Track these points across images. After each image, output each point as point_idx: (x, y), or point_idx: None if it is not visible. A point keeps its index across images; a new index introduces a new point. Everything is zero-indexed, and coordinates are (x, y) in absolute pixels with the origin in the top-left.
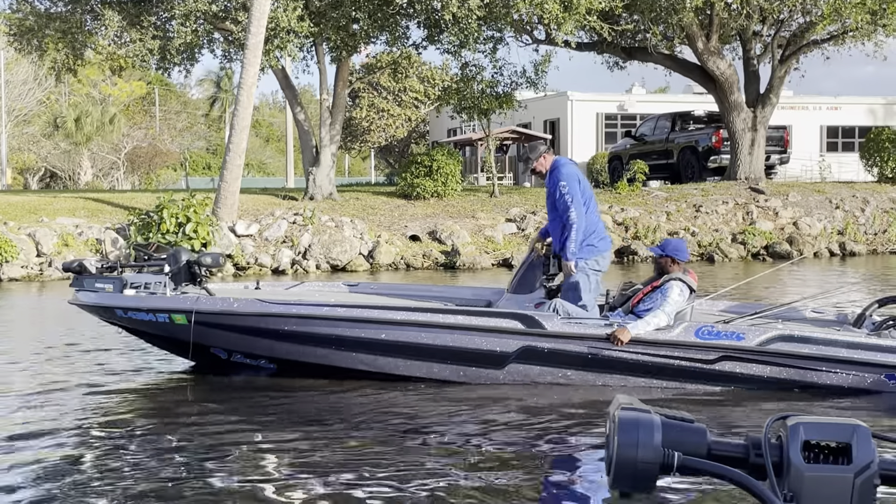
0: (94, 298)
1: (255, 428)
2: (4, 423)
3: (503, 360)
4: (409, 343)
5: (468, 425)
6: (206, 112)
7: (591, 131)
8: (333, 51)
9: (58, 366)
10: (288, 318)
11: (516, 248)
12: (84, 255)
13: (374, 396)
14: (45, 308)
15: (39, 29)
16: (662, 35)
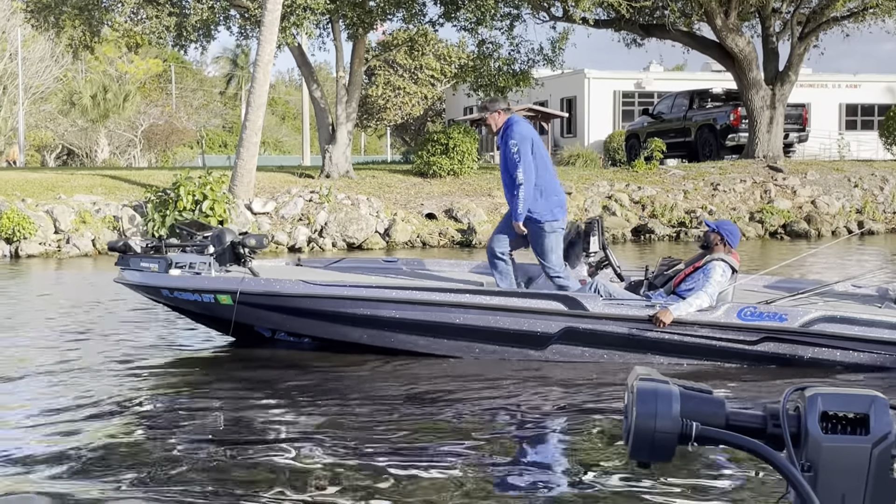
0: (140, 277)
1: (290, 403)
2: (43, 397)
3: (545, 340)
4: (452, 324)
5: (497, 402)
6: (222, 90)
7: (609, 109)
8: (350, 28)
9: (92, 341)
10: (331, 299)
11: None
12: (101, 232)
13: (412, 372)
14: (72, 283)
15: (56, 5)
16: (681, 12)
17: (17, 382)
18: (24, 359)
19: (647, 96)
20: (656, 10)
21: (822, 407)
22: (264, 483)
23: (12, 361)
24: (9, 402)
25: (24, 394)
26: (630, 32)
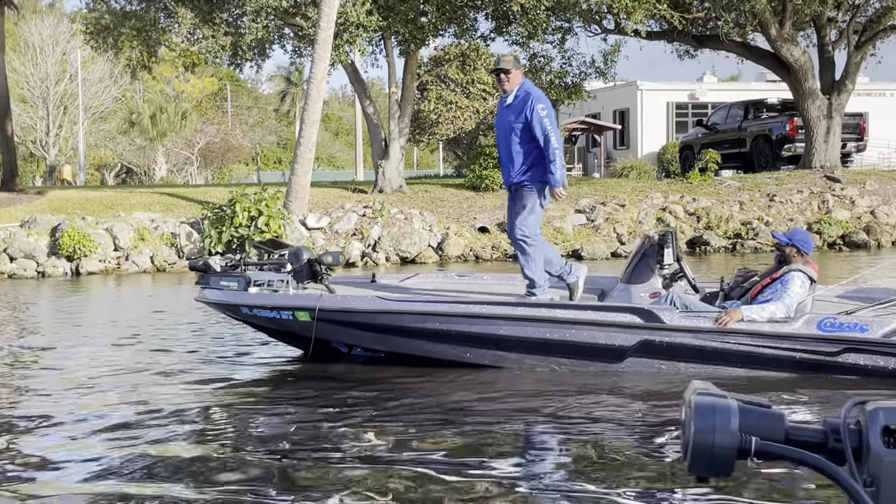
0: (220, 296)
1: (363, 415)
2: (114, 409)
3: (622, 353)
4: (529, 338)
5: (568, 415)
6: (276, 107)
7: (662, 121)
8: (402, 44)
9: (162, 354)
10: (408, 314)
11: (585, 239)
12: (159, 249)
13: (486, 385)
14: (140, 298)
15: (115, 27)
16: (734, 22)
17: (89, 393)
18: (95, 371)
19: (700, 107)
20: (709, 20)
21: (884, 421)
22: (334, 493)
23: (85, 372)
24: (82, 412)
25: (96, 404)
26: (683, 44)
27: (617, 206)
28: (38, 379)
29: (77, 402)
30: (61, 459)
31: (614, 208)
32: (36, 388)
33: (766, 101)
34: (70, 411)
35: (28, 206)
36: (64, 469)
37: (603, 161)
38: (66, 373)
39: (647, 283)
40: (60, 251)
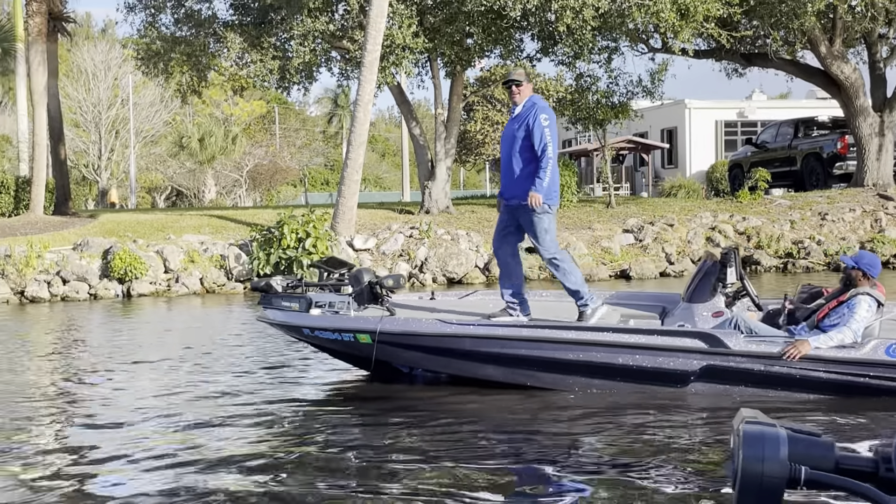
0: (282, 316)
1: (422, 436)
2: (179, 426)
3: (685, 378)
4: (592, 362)
5: (627, 438)
6: (323, 129)
7: (710, 139)
8: (448, 65)
9: (220, 374)
10: (469, 338)
11: (633, 259)
12: (209, 271)
13: (548, 408)
14: (198, 319)
15: (165, 53)
16: (783, 40)
17: (149, 412)
18: (157, 390)
19: (749, 125)
20: (758, 38)
21: None
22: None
23: (147, 391)
24: (141, 432)
25: (155, 423)
26: (731, 62)
27: (665, 225)
28: (100, 399)
29: (137, 421)
30: (119, 480)
31: (663, 228)
32: (98, 409)
33: (817, 118)
34: (129, 431)
35: (80, 230)
36: (122, 489)
37: (651, 180)
38: (128, 392)
39: (710, 302)
40: (112, 274)
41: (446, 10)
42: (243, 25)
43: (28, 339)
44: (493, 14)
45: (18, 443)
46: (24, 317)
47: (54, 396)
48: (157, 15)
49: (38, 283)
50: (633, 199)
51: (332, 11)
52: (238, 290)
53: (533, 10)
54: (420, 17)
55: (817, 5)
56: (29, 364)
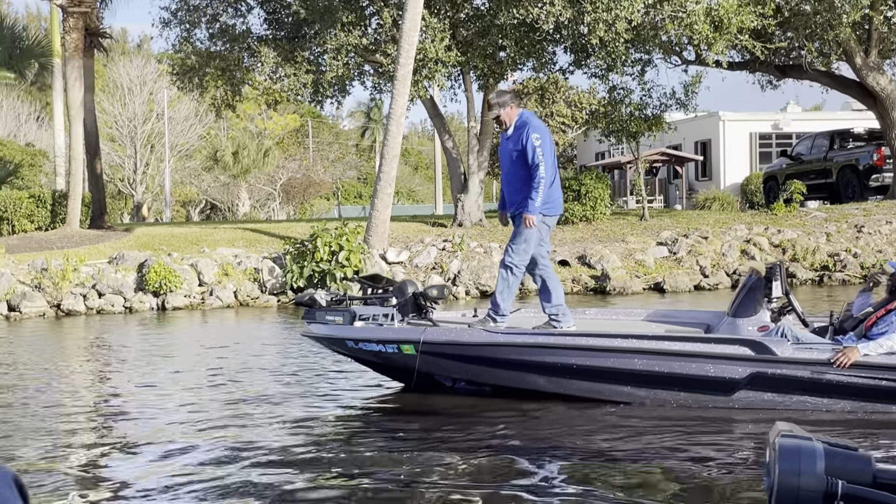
0: (326, 330)
1: (460, 447)
2: (218, 438)
3: (732, 387)
4: (636, 371)
5: (673, 449)
6: (356, 142)
7: (745, 152)
8: (481, 78)
9: (258, 386)
10: (515, 347)
11: (667, 271)
12: (242, 284)
13: (594, 418)
14: (233, 332)
15: (200, 67)
16: (818, 52)
17: (189, 423)
18: (197, 403)
19: (784, 137)
20: (792, 50)
21: None
22: None
23: (187, 403)
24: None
25: (196, 434)
26: (766, 74)
27: (700, 238)
28: (140, 411)
29: (177, 432)
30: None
31: (697, 240)
32: (137, 420)
33: (853, 130)
34: (170, 442)
35: (116, 243)
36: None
37: (685, 192)
38: (170, 402)
39: (755, 317)
40: (147, 287)
41: (479, 24)
42: (277, 40)
43: (66, 351)
44: (525, 27)
45: (64, 449)
46: (61, 329)
47: (96, 406)
48: (192, 30)
49: (74, 296)
50: (666, 212)
51: (366, 25)
52: (271, 304)
53: (566, 23)
54: (453, 31)
55: (853, 16)
56: (69, 375)
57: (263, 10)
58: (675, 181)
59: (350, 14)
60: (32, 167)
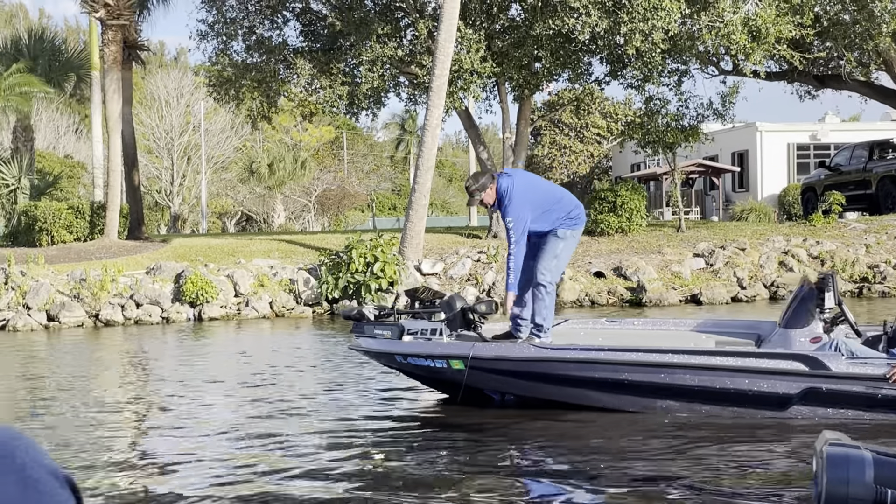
0: (374, 344)
1: (506, 461)
2: (262, 448)
3: (786, 402)
4: (687, 386)
5: (732, 463)
6: (391, 154)
7: (783, 162)
8: (516, 90)
9: (302, 398)
10: (564, 362)
11: (704, 283)
12: (278, 295)
13: (646, 432)
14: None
15: (236, 79)
16: (857, 61)
17: (235, 436)
18: (240, 415)
19: (823, 148)
20: (831, 60)
21: None
22: None
23: (231, 416)
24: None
25: (241, 446)
26: (804, 84)
27: (737, 249)
28: (183, 422)
29: (221, 444)
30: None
31: (734, 252)
32: (181, 431)
33: (892, 140)
34: (214, 454)
35: (153, 254)
36: None
37: (721, 204)
38: (211, 415)
39: (808, 328)
40: (184, 297)
41: (514, 35)
42: (313, 52)
43: (105, 361)
44: (561, 38)
45: (103, 460)
46: (99, 340)
47: (134, 417)
48: (229, 42)
49: (112, 306)
50: (703, 223)
51: (401, 37)
52: (307, 314)
53: (602, 34)
54: (488, 42)
55: (892, 26)
56: (107, 386)
57: (299, 22)
58: (711, 192)
59: (385, 26)
60: (71, 179)
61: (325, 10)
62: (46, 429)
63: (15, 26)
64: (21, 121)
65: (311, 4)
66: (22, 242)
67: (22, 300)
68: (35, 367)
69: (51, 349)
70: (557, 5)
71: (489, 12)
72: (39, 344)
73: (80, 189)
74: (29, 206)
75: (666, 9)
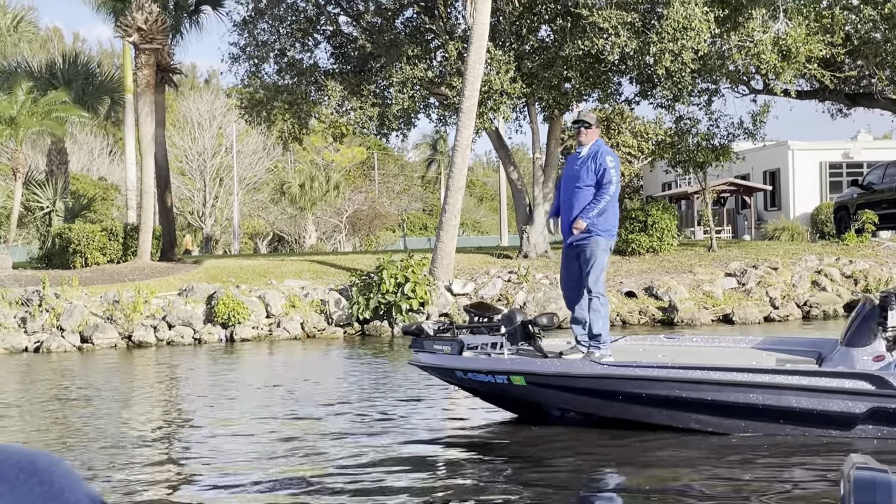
0: (434, 360)
1: (567, 476)
2: (313, 468)
3: (852, 421)
4: (753, 404)
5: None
6: (422, 174)
7: (815, 181)
8: (545, 110)
9: (353, 415)
10: (625, 380)
11: (736, 303)
12: (309, 315)
13: (706, 450)
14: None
15: (268, 101)
16: (889, 80)
17: (289, 454)
18: (293, 433)
19: (855, 166)
20: (862, 78)
21: None
22: None
23: (283, 434)
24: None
25: (294, 464)
26: (835, 102)
27: (769, 269)
28: (220, 444)
29: (277, 463)
30: None
31: (766, 271)
32: (235, 451)
33: None
34: (264, 472)
35: (185, 275)
36: None
37: (753, 223)
38: (256, 436)
39: (870, 346)
40: (216, 318)
41: (544, 56)
42: (343, 73)
43: (138, 382)
44: (590, 58)
45: (137, 482)
46: (132, 360)
47: (170, 438)
48: (261, 65)
49: (144, 327)
50: (735, 243)
51: (431, 58)
52: (338, 335)
53: (631, 54)
54: (518, 63)
55: None
56: (141, 407)
57: (330, 44)
58: (743, 211)
59: (415, 47)
60: (105, 201)
61: (355, 32)
62: (79, 453)
63: (49, 50)
64: (55, 144)
65: (341, 27)
66: (56, 265)
67: (56, 322)
68: (68, 390)
69: (84, 370)
70: (587, 26)
71: (518, 33)
72: (73, 365)
73: (113, 211)
74: (63, 228)
75: (695, 28)
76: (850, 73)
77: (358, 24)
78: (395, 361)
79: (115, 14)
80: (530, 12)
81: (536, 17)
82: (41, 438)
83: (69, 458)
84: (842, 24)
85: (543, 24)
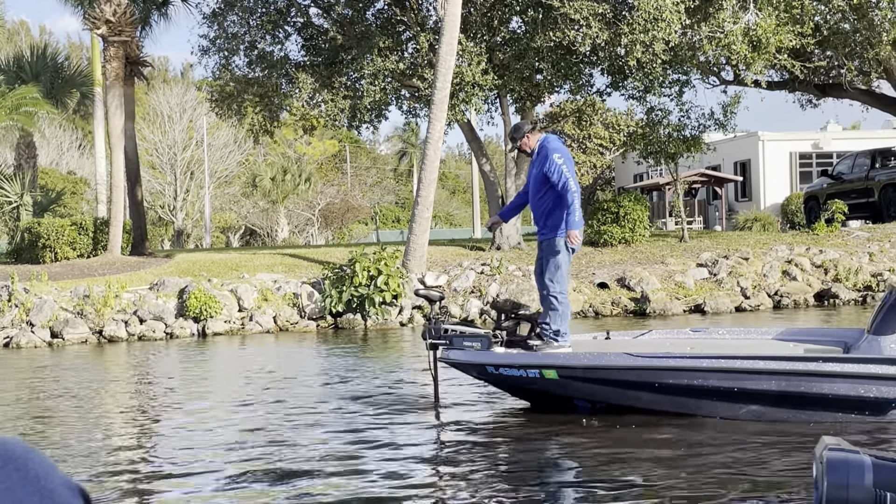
0: (464, 356)
1: (592, 466)
2: (317, 460)
3: (885, 407)
4: (787, 392)
5: None
6: (394, 166)
7: (785, 171)
8: (517, 102)
9: (359, 407)
10: (660, 370)
11: (708, 293)
12: (282, 309)
13: (740, 438)
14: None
15: (239, 94)
16: (858, 70)
17: (292, 450)
18: (300, 427)
19: (825, 157)
20: (832, 69)
21: None
22: None
23: (290, 428)
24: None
25: (298, 460)
26: (805, 93)
27: (740, 259)
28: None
29: (278, 457)
30: None
31: (737, 261)
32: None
33: (894, 148)
34: (268, 466)
35: (157, 270)
36: None
37: (724, 213)
38: (227, 428)
39: (893, 336)
40: (188, 313)
41: (515, 47)
42: (314, 66)
43: (110, 377)
44: (562, 49)
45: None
46: (103, 356)
47: (143, 433)
48: (231, 57)
49: (115, 322)
50: (706, 233)
51: (402, 50)
52: (311, 328)
53: (602, 45)
54: (489, 55)
55: (893, 34)
56: (112, 402)
57: (301, 36)
58: (714, 202)
59: (387, 39)
60: (74, 195)
61: (326, 24)
62: (52, 443)
63: (17, 44)
64: (24, 137)
65: (312, 19)
66: (25, 259)
67: (25, 317)
68: (40, 383)
69: (55, 366)
70: (558, 17)
71: (490, 25)
72: (43, 360)
73: (83, 205)
74: (32, 222)
75: (666, 20)
76: (819, 64)
77: (329, 15)
78: (368, 354)
79: (82, 6)
80: (502, 3)
81: (508, 9)
82: (14, 432)
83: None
84: (811, 15)
85: (515, 15)
